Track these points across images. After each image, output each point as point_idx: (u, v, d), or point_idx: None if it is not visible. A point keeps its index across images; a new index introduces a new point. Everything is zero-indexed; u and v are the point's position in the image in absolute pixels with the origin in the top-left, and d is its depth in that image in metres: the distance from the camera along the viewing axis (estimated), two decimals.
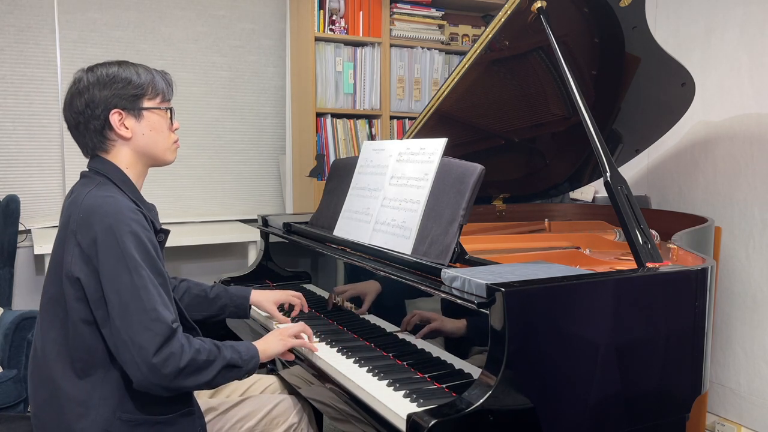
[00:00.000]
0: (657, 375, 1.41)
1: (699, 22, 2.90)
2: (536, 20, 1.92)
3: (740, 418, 2.76)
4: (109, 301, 1.29)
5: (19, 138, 3.16)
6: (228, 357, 1.40)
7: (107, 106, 1.40)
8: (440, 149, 1.71)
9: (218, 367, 1.37)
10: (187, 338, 1.35)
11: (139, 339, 1.27)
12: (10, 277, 2.95)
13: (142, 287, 1.29)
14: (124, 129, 1.43)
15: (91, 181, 1.42)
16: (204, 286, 1.84)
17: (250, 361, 1.46)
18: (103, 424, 1.33)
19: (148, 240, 1.36)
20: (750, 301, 2.71)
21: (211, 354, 1.37)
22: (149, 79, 1.45)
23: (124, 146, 1.45)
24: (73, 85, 1.43)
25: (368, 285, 1.77)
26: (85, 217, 1.33)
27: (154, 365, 1.27)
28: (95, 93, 1.40)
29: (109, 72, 1.42)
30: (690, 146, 2.96)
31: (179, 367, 1.30)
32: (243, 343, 1.49)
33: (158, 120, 1.47)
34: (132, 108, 1.43)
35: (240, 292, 1.87)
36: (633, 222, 1.56)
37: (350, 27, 3.28)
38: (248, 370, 1.46)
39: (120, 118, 1.42)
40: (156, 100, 1.47)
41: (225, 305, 1.83)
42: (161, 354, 1.28)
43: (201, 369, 1.34)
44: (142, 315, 1.28)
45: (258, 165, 3.75)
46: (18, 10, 3.12)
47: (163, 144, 1.49)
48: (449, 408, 1.18)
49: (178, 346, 1.31)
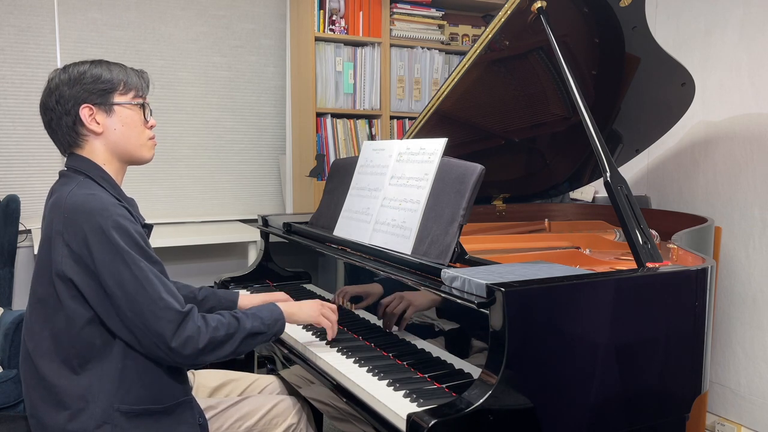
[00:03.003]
0: (657, 375, 1.41)
1: (699, 22, 2.90)
2: (536, 20, 1.92)
3: (740, 418, 2.76)
4: (114, 296, 1.31)
5: (19, 138, 3.17)
6: (249, 326, 1.44)
7: (77, 101, 1.41)
8: (440, 149, 1.71)
9: (240, 338, 1.42)
10: (203, 318, 1.38)
11: (154, 327, 1.31)
12: (10, 277, 2.95)
13: (144, 278, 1.32)
14: (95, 124, 1.43)
15: (71, 180, 1.42)
16: (192, 288, 1.83)
17: (274, 324, 1.50)
18: (102, 416, 1.34)
19: (136, 232, 1.36)
20: (750, 301, 2.71)
21: (231, 327, 1.41)
22: (121, 76, 1.45)
23: (97, 141, 1.45)
24: (47, 84, 1.44)
25: (373, 287, 1.77)
26: (70, 217, 1.33)
27: (174, 349, 1.32)
28: (65, 90, 1.41)
29: (80, 70, 1.43)
30: (690, 146, 2.96)
31: (198, 348, 1.34)
32: (267, 307, 1.53)
33: (130, 115, 1.46)
34: (102, 103, 1.43)
35: (228, 295, 1.86)
36: (633, 222, 1.56)
37: (350, 27, 3.28)
38: (273, 333, 1.51)
39: (90, 112, 1.42)
40: (128, 95, 1.46)
41: (212, 307, 1.81)
42: (178, 338, 1.32)
43: (222, 343, 1.39)
44: (151, 305, 1.31)
45: (258, 165, 3.76)
46: (18, 10, 3.12)
47: (136, 140, 1.48)
48: (449, 408, 1.18)
49: (194, 329, 1.34)
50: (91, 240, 1.30)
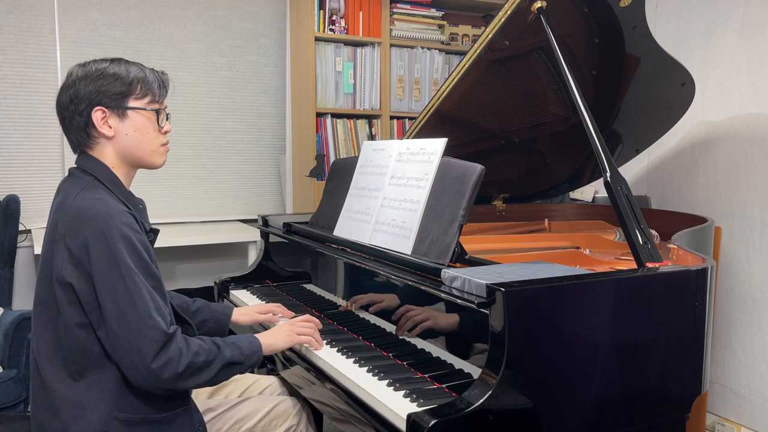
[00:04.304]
0: (657, 375, 1.41)
1: (699, 22, 2.90)
2: (536, 20, 1.92)
3: (740, 418, 2.76)
4: (105, 307, 1.28)
5: (19, 138, 3.17)
6: (228, 355, 1.40)
7: (91, 102, 1.38)
8: (440, 149, 1.71)
9: (218, 367, 1.38)
10: (185, 340, 1.34)
11: (136, 345, 1.27)
12: (10, 277, 2.95)
13: (137, 293, 1.28)
14: (107, 128, 1.40)
15: (79, 181, 1.39)
16: (185, 299, 1.81)
17: (252, 356, 1.45)
18: (99, 424, 1.32)
19: (140, 243, 1.34)
20: (750, 301, 2.71)
21: (210, 354, 1.37)
22: (140, 78, 1.42)
23: (107, 145, 1.42)
24: (65, 78, 1.42)
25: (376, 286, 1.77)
26: (74, 221, 1.31)
27: (152, 370, 1.28)
28: (80, 87, 1.38)
29: (99, 67, 1.40)
30: (690, 146, 2.96)
31: (177, 372, 1.30)
32: (246, 338, 1.49)
33: (143, 121, 1.43)
34: (116, 107, 1.39)
35: (222, 309, 1.83)
36: (633, 222, 1.56)
37: (350, 27, 3.28)
38: (250, 365, 1.45)
39: (103, 116, 1.39)
40: (144, 100, 1.43)
41: (205, 320, 1.79)
42: (159, 359, 1.28)
43: (200, 370, 1.35)
44: (138, 322, 1.28)
45: (258, 165, 3.76)
46: (18, 10, 3.13)
47: (147, 146, 1.44)
48: (449, 408, 1.18)
49: (176, 351, 1.30)
50: (92, 246, 1.28)
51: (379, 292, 1.73)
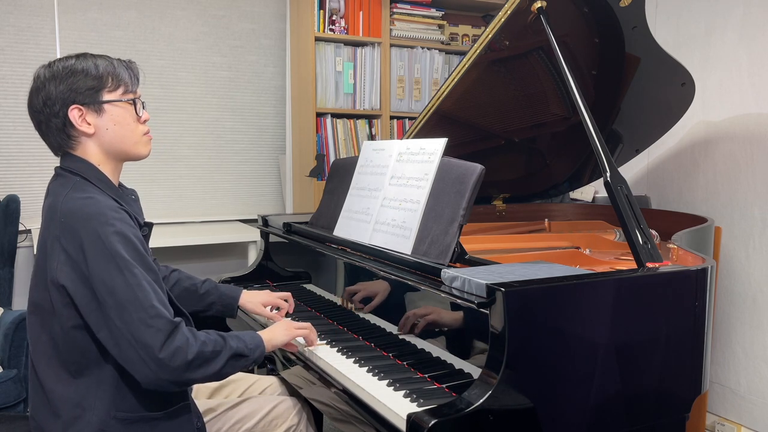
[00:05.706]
0: (657, 375, 1.41)
1: (699, 22, 2.90)
2: (536, 20, 1.92)
3: (740, 418, 2.76)
4: (105, 304, 1.26)
5: (19, 138, 3.17)
6: (234, 346, 1.38)
7: (65, 101, 1.35)
8: (440, 149, 1.71)
9: (225, 357, 1.36)
10: (191, 331, 1.33)
11: (142, 337, 1.25)
12: (10, 277, 2.95)
13: (137, 285, 1.27)
14: (86, 125, 1.37)
15: (67, 181, 1.37)
16: (195, 281, 1.82)
17: (255, 350, 1.44)
18: (98, 424, 1.32)
19: (135, 237, 1.33)
20: (750, 301, 2.71)
21: (217, 345, 1.35)
22: (109, 70, 1.38)
23: (90, 142, 1.39)
24: (33, 82, 1.38)
25: (376, 285, 1.77)
26: (67, 222, 1.29)
27: (161, 360, 1.25)
28: (51, 88, 1.35)
29: (65, 65, 1.36)
30: (690, 146, 2.96)
31: (187, 360, 1.28)
32: (247, 333, 1.48)
33: (121, 113, 1.39)
34: (91, 102, 1.36)
35: (230, 291, 1.85)
36: (633, 222, 1.56)
37: (350, 27, 3.28)
38: (255, 358, 1.44)
39: (80, 114, 1.36)
40: (117, 92, 1.39)
41: (213, 302, 1.81)
42: (167, 349, 1.26)
43: (209, 360, 1.33)
44: (141, 313, 1.26)
45: (258, 165, 3.76)
46: (18, 10, 3.13)
47: (130, 138, 1.42)
48: (449, 408, 1.18)
49: (183, 340, 1.29)
50: (87, 246, 1.27)
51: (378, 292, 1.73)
